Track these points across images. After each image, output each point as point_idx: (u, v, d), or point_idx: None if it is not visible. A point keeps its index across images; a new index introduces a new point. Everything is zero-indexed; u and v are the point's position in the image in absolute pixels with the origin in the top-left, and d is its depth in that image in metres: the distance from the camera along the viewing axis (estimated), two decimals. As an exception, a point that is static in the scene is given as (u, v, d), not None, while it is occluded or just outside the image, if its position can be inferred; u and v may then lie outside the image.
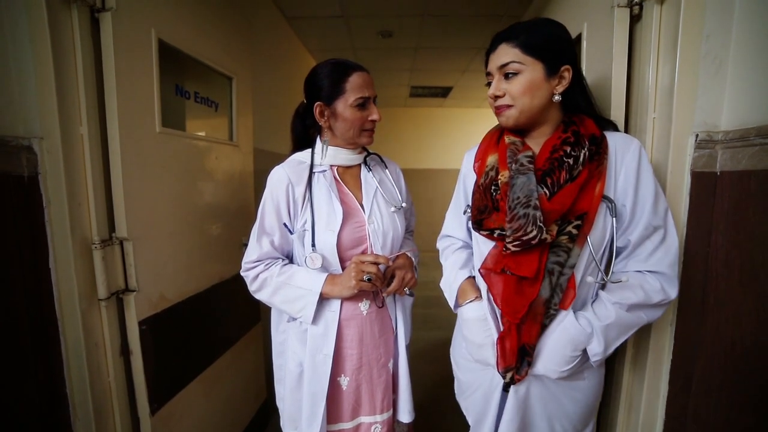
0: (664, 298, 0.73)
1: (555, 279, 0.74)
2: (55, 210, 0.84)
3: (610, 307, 0.74)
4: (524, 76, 0.73)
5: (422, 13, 2.59)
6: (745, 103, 0.75)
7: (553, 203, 0.71)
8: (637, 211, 0.74)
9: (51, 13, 0.81)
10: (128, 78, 0.99)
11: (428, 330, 2.82)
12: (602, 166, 0.74)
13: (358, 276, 0.90)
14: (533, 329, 0.76)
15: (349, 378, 0.98)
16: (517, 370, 0.78)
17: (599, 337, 0.74)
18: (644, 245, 0.75)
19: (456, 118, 5.71)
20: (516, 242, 0.71)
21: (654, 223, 0.74)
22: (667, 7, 0.83)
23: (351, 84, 0.92)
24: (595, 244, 0.74)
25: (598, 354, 0.75)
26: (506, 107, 0.76)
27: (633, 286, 0.74)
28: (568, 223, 0.73)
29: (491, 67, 0.78)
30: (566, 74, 0.75)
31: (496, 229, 0.76)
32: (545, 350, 0.77)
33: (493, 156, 0.82)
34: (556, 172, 0.73)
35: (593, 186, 0.73)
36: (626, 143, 0.76)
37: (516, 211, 0.71)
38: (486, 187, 0.80)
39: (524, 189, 0.72)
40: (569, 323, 0.75)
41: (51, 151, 0.83)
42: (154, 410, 1.07)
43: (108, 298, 0.96)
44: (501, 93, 0.76)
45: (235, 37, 1.49)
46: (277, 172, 0.97)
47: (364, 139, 0.97)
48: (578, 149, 0.73)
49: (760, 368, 0.71)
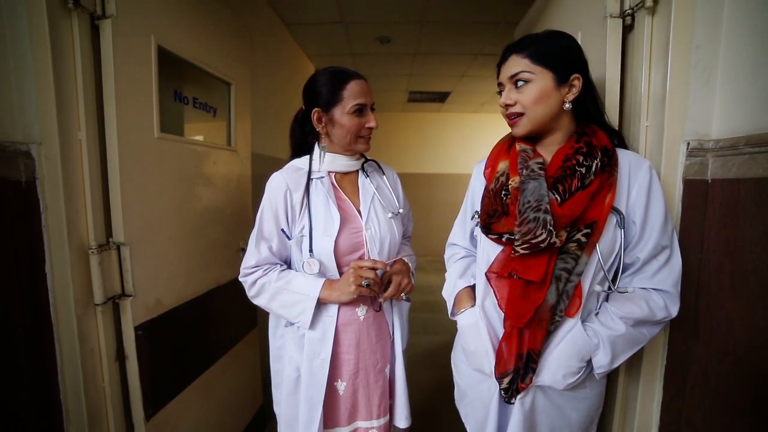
0: (666, 316, 0.75)
1: (562, 285, 0.74)
2: (52, 215, 0.85)
3: (617, 320, 0.75)
4: (534, 84, 0.75)
5: (420, 20, 2.62)
6: (734, 112, 0.76)
7: (564, 209, 0.72)
8: (647, 230, 0.75)
9: (51, 19, 0.82)
10: (127, 84, 1.00)
11: (426, 335, 2.81)
12: (613, 178, 0.75)
13: (357, 281, 0.90)
14: (538, 334, 0.76)
15: (346, 383, 0.98)
16: (522, 378, 0.77)
17: (606, 348, 0.74)
18: (651, 264, 0.76)
19: (454, 123, 5.75)
20: (525, 245, 0.72)
21: (663, 242, 0.75)
22: (658, 18, 0.85)
23: (349, 91, 0.93)
24: (603, 254, 0.74)
25: (603, 366, 0.75)
26: (518, 116, 0.78)
27: (638, 302, 0.75)
28: (577, 230, 0.73)
29: (502, 77, 0.79)
30: (576, 83, 0.76)
31: (504, 233, 0.76)
32: (552, 360, 0.77)
33: (504, 162, 0.83)
34: (568, 179, 0.74)
35: (604, 196, 0.74)
36: (639, 162, 0.77)
37: (526, 215, 0.72)
38: (496, 191, 0.81)
39: (535, 193, 0.73)
40: (577, 333, 0.75)
41: (49, 156, 0.83)
42: (149, 416, 1.07)
43: (104, 303, 0.96)
44: (512, 102, 0.77)
45: (233, 43, 1.50)
46: (275, 178, 0.98)
47: (360, 145, 0.98)
48: (590, 159, 0.74)
49: (753, 374, 0.71)
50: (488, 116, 5.50)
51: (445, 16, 2.56)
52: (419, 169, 5.72)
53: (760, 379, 0.70)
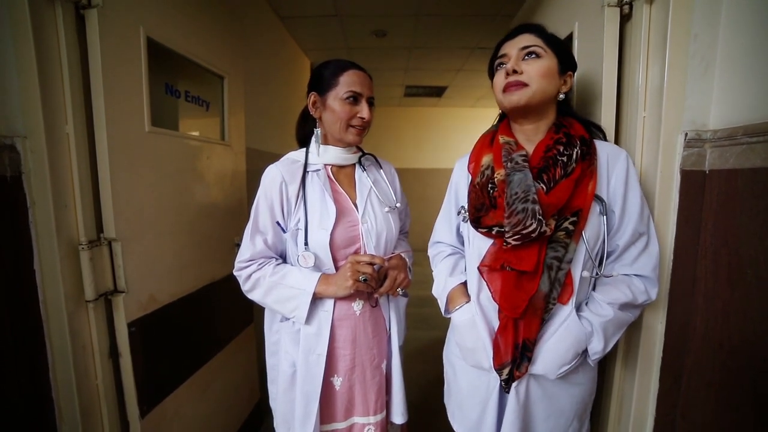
0: (647, 299, 0.79)
1: (554, 273, 0.75)
2: (39, 211, 0.83)
3: (605, 306, 0.78)
4: (544, 60, 0.77)
5: (416, 13, 2.59)
6: (732, 102, 0.75)
7: (551, 197, 0.74)
8: (625, 218, 0.78)
9: (34, 9, 0.79)
10: (116, 76, 0.97)
11: (424, 330, 2.82)
12: (593, 166, 0.77)
13: (355, 276, 0.90)
14: (533, 323, 0.77)
15: (342, 378, 0.98)
16: (518, 367, 0.78)
17: (599, 335, 0.77)
18: (630, 250, 0.79)
19: (451, 117, 5.73)
20: (516, 236, 0.73)
21: (640, 229, 0.78)
22: (656, 7, 0.84)
23: (345, 78, 0.93)
24: (589, 241, 0.77)
25: (598, 352, 0.77)
26: (522, 85, 0.77)
27: (621, 287, 0.78)
28: (564, 219, 0.75)
29: (510, 48, 0.79)
30: (569, 80, 0.81)
31: (494, 226, 0.78)
32: (547, 350, 0.78)
33: (488, 156, 0.84)
34: (552, 169, 0.76)
35: (586, 184, 0.76)
36: (616, 153, 0.80)
37: (515, 206, 0.73)
38: (483, 185, 0.82)
39: (522, 185, 0.74)
40: (572, 323, 0.77)
41: (35, 150, 0.81)
42: (144, 413, 1.06)
43: (96, 300, 0.95)
44: (520, 69, 0.77)
45: (226, 36, 1.48)
46: (270, 170, 0.97)
47: (350, 136, 0.96)
48: (570, 148, 0.77)
49: (748, 365, 0.71)
50: (485, 111, 5.48)
51: (441, 10, 2.53)
52: (416, 164, 5.71)
53: (755, 371, 0.70)
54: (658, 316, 0.85)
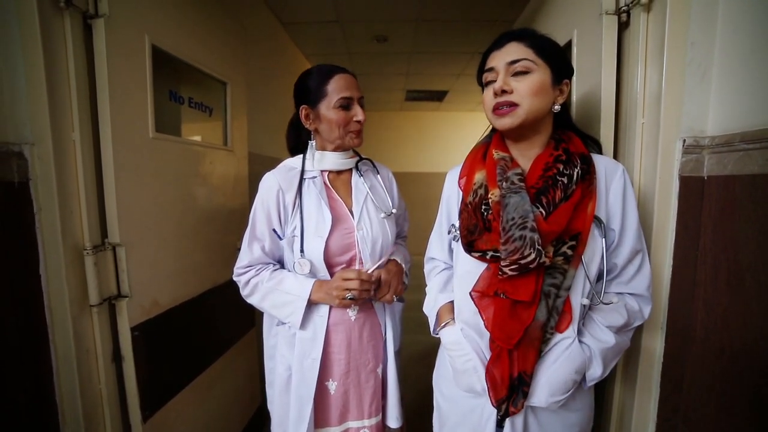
0: (641, 320, 0.77)
1: (551, 302, 0.71)
2: (45, 216, 0.84)
3: (605, 330, 0.74)
4: (535, 75, 0.71)
5: (416, 19, 2.61)
6: (729, 109, 0.76)
7: (550, 224, 0.68)
8: (625, 235, 0.75)
9: (43, 19, 0.81)
10: (121, 84, 0.99)
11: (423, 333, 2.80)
12: (593, 186, 0.73)
13: (340, 295, 0.91)
14: (530, 355, 0.72)
15: (336, 382, 0.98)
16: (513, 402, 0.73)
17: (598, 360, 0.73)
18: (627, 269, 0.76)
19: (451, 121, 5.74)
20: (513, 266, 0.68)
21: (637, 246, 0.75)
22: (653, 15, 0.85)
23: (333, 86, 0.93)
24: (588, 264, 0.72)
25: (595, 379, 0.74)
26: (513, 107, 0.71)
27: (619, 310, 0.75)
28: (563, 243, 0.70)
29: (497, 62, 0.73)
30: (565, 88, 0.75)
31: (488, 251, 0.72)
32: (546, 380, 0.72)
33: (481, 173, 0.78)
34: (551, 190, 0.70)
35: (585, 205, 0.72)
36: (613, 168, 0.76)
37: (511, 233, 0.68)
38: (475, 206, 0.76)
39: (519, 209, 0.68)
40: (575, 352, 0.72)
41: (42, 157, 0.83)
42: (147, 417, 1.06)
43: (100, 304, 0.95)
44: (509, 89, 0.71)
45: (229, 43, 1.50)
46: (267, 178, 0.98)
47: (350, 140, 0.97)
48: (570, 167, 0.71)
49: (749, 370, 0.71)
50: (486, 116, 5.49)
51: (442, 15, 2.55)
52: (417, 168, 5.72)
53: (756, 376, 0.70)
54: (658, 320, 0.85)
